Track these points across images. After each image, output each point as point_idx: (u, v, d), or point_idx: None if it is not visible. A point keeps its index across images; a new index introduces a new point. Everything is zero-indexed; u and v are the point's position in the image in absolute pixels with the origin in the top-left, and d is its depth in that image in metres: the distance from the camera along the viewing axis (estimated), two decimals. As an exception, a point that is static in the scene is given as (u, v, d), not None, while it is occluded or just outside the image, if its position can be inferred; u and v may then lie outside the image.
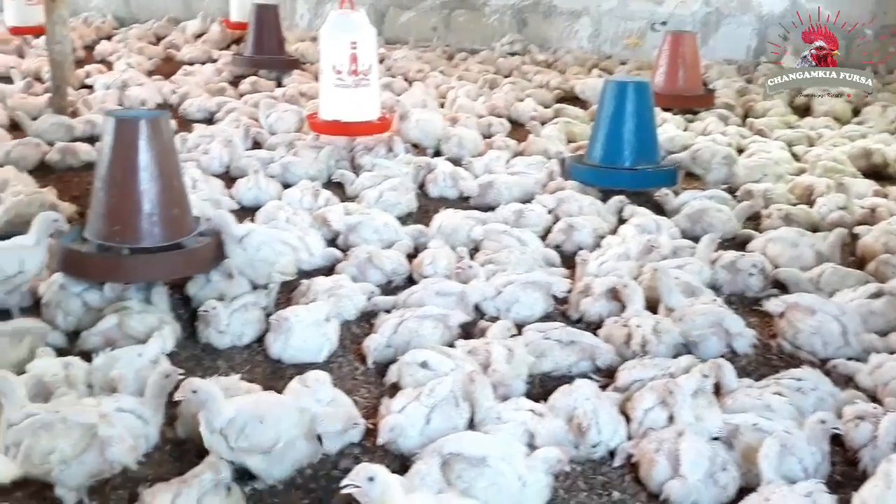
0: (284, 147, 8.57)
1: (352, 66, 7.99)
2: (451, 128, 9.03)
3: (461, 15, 15.92)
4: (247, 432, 3.70)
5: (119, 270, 5.18)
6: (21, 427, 3.61)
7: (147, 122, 5.15)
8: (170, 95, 11.03)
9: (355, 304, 5.54)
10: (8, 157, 8.03)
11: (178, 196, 5.32)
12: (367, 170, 7.95)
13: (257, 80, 11.70)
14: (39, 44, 14.01)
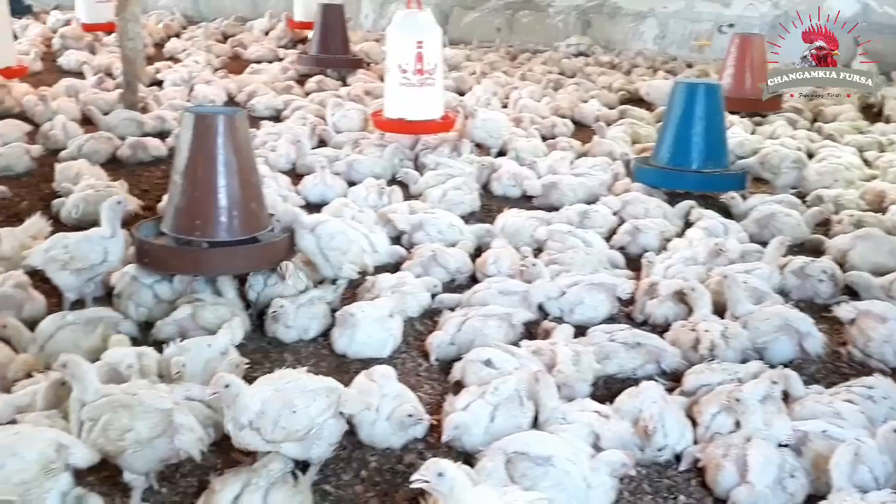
0: (350, 145, 8.66)
1: (417, 64, 8.04)
2: (513, 134, 8.99)
3: (525, 16, 15.90)
4: (282, 424, 3.68)
5: (199, 264, 5.27)
6: (99, 404, 3.65)
7: (225, 118, 5.23)
8: (237, 93, 11.18)
9: (419, 302, 5.57)
10: (80, 151, 8.23)
11: (254, 191, 5.40)
12: (430, 169, 7.98)
13: (322, 79, 11.82)
14: (110, 41, 14.37)
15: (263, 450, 3.72)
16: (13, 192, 7.41)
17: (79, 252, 5.19)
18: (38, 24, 15.96)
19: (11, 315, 5.00)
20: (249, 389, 3.72)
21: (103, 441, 3.58)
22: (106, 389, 3.79)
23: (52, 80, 11.82)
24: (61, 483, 3.34)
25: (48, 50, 13.98)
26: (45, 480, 3.27)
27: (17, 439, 3.33)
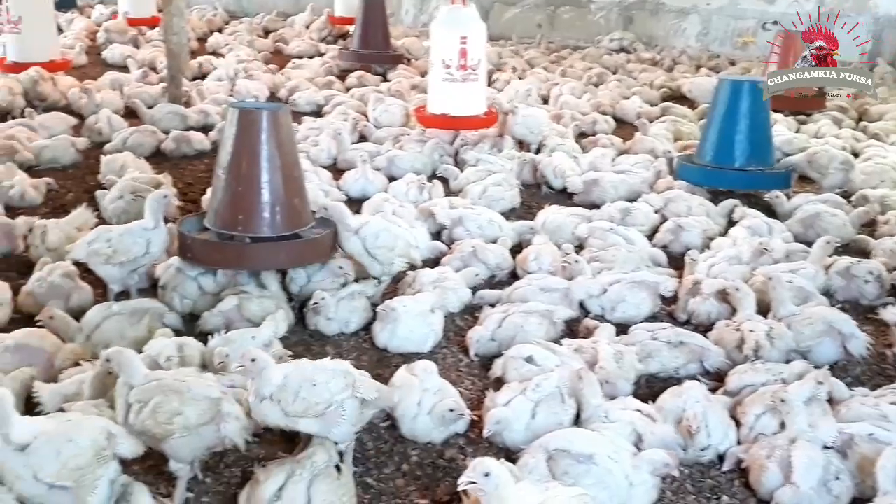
0: (390, 141, 8.68)
1: (461, 60, 8.02)
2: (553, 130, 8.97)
3: (566, 12, 15.83)
4: (302, 395, 3.70)
5: (242, 259, 5.31)
6: (149, 387, 3.68)
7: (269, 113, 5.27)
8: (279, 88, 11.24)
9: (459, 297, 5.58)
10: (125, 144, 8.34)
11: (297, 187, 5.43)
12: (471, 164, 7.98)
13: (363, 75, 11.85)
14: (153, 35, 14.53)
15: (282, 424, 3.73)
16: (59, 183, 7.52)
17: (121, 245, 5.25)
18: (82, 18, 16.16)
19: (60, 304, 5.10)
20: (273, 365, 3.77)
21: (151, 423, 3.59)
22: (155, 374, 3.84)
23: (97, 73, 11.98)
24: (111, 470, 3.39)
25: (93, 44, 14.16)
26: (97, 467, 3.32)
27: (70, 426, 3.38)
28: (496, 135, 8.71)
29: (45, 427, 3.35)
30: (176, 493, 3.74)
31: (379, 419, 4.35)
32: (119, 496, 3.43)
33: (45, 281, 5.24)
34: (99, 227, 5.56)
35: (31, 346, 4.50)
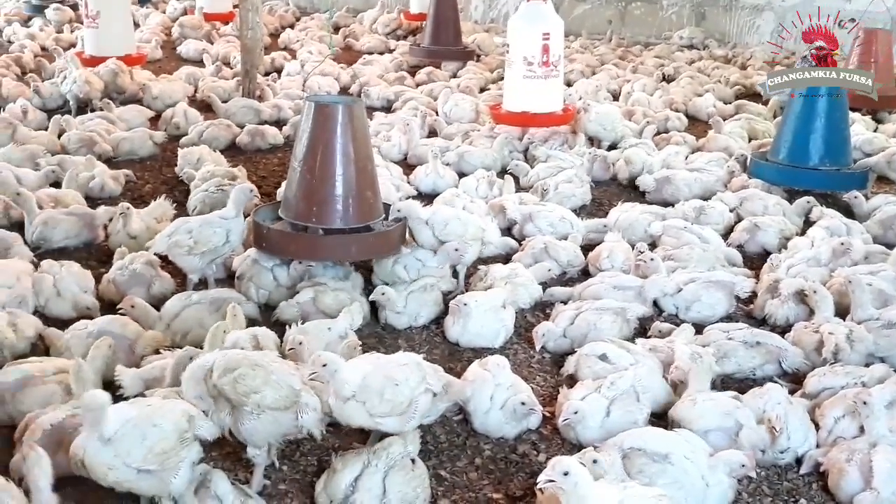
0: (460, 136, 8.69)
1: (543, 56, 7.98)
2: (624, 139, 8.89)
3: (637, 8, 15.67)
4: (387, 396, 3.71)
5: (314, 250, 5.39)
6: (238, 357, 3.71)
7: (345, 107, 5.33)
8: (350, 84, 11.33)
9: (531, 293, 5.57)
10: (201, 138, 8.50)
11: (370, 180, 5.48)
12: (541, 161, 7.96)
13: (433, 71, 11.88)
14: (227, 30, 14.77)
15: (366, 424, 3.75)
16: (137, 175, 7.70)
17: (201, 236, 5.35)
18: (158, 13, 16.49)
19: (141, 292, 5.25)
20: (348, 364, 3.77)
21: (229, 388, 3.61)
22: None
23: (172, 67, 12.25)
24: (193, 453, 3.46)
25: (168, 38, 14.46)
26: (180, 449, 3.40)
27: (152, 411, 3.45)
28: (568, 131, 8.66)
29: (129, 414, 3.42)
30: (254, 480, 3.81)
31: (451, 412, 4.38)
32: (199, 483, 3.51)
33: (127, 269, 5.38)
34: (178, 219, 5.66)
35: (113, 332, 4.61)
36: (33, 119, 8.92)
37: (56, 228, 6.07)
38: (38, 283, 5.21)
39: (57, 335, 4.66)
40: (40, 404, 3.99)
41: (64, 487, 3.65)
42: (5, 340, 4.58)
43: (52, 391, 4.08)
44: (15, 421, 3.97)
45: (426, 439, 4.12)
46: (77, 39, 13.47)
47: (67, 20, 15.32)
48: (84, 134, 8.16)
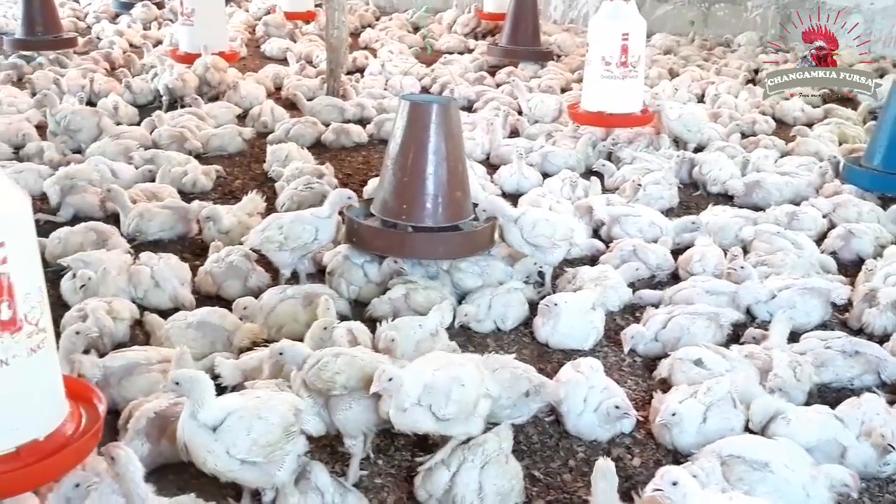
0: (543, 136, 8.67)
1: (622, 57, 7.92)
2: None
3: (721, 9, 15.41)
4: (454, 398, 3.65)
5: (404, 247, 5.44)
6: (323, 350, 3.85)
7: (438, 107, 5.36)
8: (430, 84, 11.38)
9: (620, 296, 5.53)
10: (288, 135, 8.63)
11: (460, 180, 5.50)
12: (626, 162, 7.90)
13: (513, 70, 11.86)
14: (309, 29, 14.96)
15: (431, 429, 3.71)
16: (227, 171, 7.86)
17: (292, 232, 5.44)
18: (241, 11, 16.78)
19: (238, 285, 5.38)
20: (408, 375, 3.70)
21: (315, 379, 3.71)
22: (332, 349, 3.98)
23: (256, 65, 12.46)
24: (299, 446, 3.52)
25: (251, 37, 14.71)
26: (286, 443, 3.45)
27: (260, 403, 3.51)
28: (653, 133, 8.58)
29: (236, 405, 3.49)
30: (350, 472, 3.86)
31: (543, 413, 4.38)
32: (299, 474, 3.56)
33: (224, 262, 5.49)
34: (271, 215, 5.76)
35: (212, 323, 4.74)
36: (125, 115, 9.18)
37: (151, 221, 6.23)
38: (136, 274, 5.35)
39: (158, 323, 4.79)
40: (144, 392, 4.11)
41: (166, 475, 3.76)
42: (104, 328, 4.71)
43: (155, 379, 4.19)
44: (119, 407, 4.07)
45: (518, 439, 4.14)
46: (164, 36, 13.83)
47: (154, 18, 15.71)
48: (175, 130, 8.35)
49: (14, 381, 2.96)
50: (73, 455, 3.18)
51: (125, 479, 3.32)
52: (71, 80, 10.27)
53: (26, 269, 2.96)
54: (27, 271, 2.96)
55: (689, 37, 14.90)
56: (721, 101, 10.03)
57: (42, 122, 8.73)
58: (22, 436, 3.03)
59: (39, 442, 3.08)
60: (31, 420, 3.09)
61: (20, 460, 3.00)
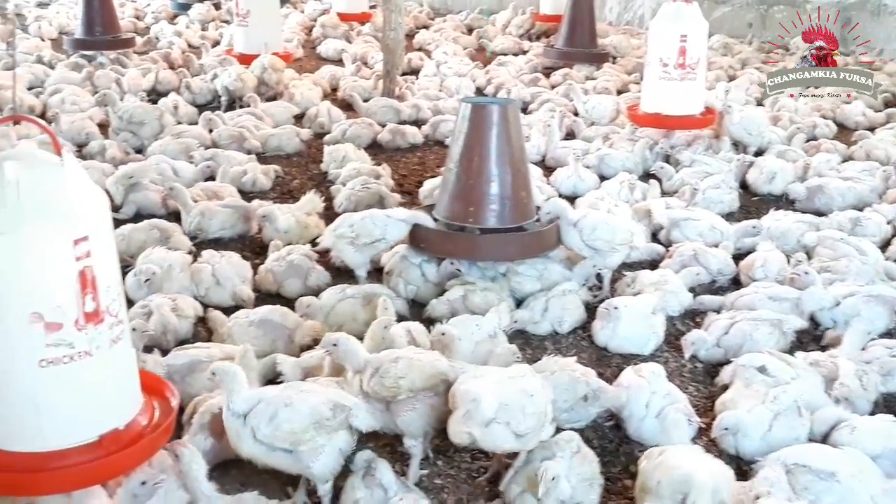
0: (600, 139, 8.62)
1: (679, 59, 7.83)
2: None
3: (779, 11, 15.18)
4: (528, 409, 3.59)
5: (474, 250, 5.45)
6: (381, 356, 3.86)
7: (500, 108, 5.36)
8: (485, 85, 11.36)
9: (680, 301, 5.48)
10: (344, 135, 8.69)
11: (524, 181, 5.51)
12: (685, 165, 7.82)
13: (568, 72, 11.80)
14: (364, 30, 15.03)
15: (513, 447, 3.64)
16: (285, 170, 7.94)
17: (362, 229, 5.47)
18: (296, 12, 16.93)
19: (298, 283, 5.45)
20: (482, 387, 3.62)
21: (379, 388, 3.72)
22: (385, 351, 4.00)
23: (312, 66, 12.56)
24: (338, 441, 3.54)
25: (307, 38, 14.83)
26: (317, 434, 3.48)
27: (293, 393, 3.59)
28: (712, 136, 8.49)
29: (268, 394, 3.60)
30: (410, 471, 3.87)
31: (602, 418, 4.35)
32: (364, 471, 3.59)
33: (284, 260, 5.55)
34: (344, 214, 5.81)
35: (273, 321, 4.79)
36: (184, 114, 9.30)
37: (212, 220, 6.32)
38: (197, 272, 5.42)
39: (221, 320, 4.85)
40: (207, 388, 4.13)
41: (229, 471, 3.80)
42: (168, 325, 4.79)
43: (219, 376, 4.23)
44: (183, 403, 4.12)
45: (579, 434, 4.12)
46: (220, 37, 14.00)
47: (211, 18, 15.92)
48: (234, 130, 8.45)
49: (98, 371, 3.05)
50: (151, 444, 3.27)
51: (189, 476, 3.39)
52: (131, 80, 10.45)
53: (107, 263, 3.05)
54: (108, 264, 3.06)
55: (746, 39, 14.71)
56: (780, 105, 9.88)
57: (104, 120, 8.91)
58: (104, 425, 3.13)
59: (119, 431, 3.17)
60: (112, 409, 3.19)
61: (103, 449, 3.10)
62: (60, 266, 2.89)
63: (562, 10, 12.98)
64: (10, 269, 2.81)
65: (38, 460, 3.00)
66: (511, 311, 5.09)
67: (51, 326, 2.86)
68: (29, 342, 2.87)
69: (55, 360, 2.90)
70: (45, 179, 2.90)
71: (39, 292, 2.86)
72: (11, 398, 2.94)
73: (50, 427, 3.01)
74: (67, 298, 2.90)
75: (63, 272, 2.89)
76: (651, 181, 7.34)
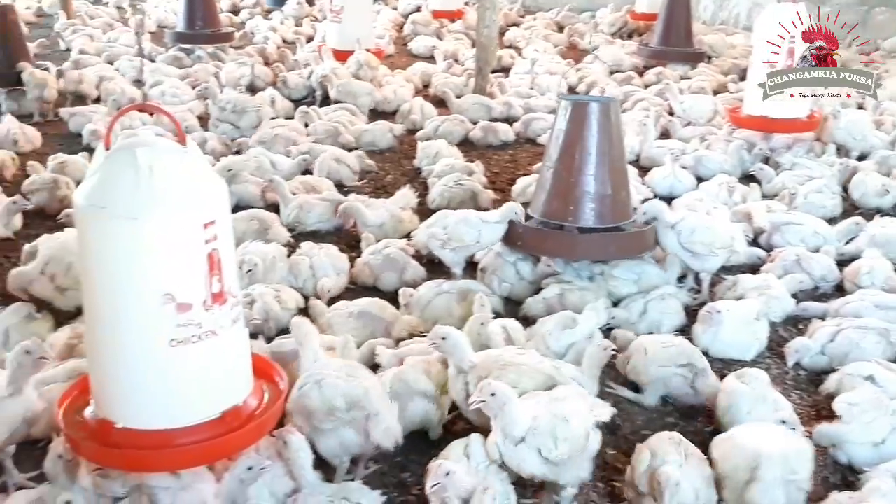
0: (697, 139, 8.47)
1: (787, 60, 7.62)
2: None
3: (882, 12, 14.71)
4: (562, 437, 3.43)
5: (574, 248, 5.42)
6: (487, 364, 3.83)
7: (600, 106, 5.31)
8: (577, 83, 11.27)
9: (783, 307, 5.35)
10: (437, 132, 8.72)
11: (623, 180, 5.46)
12: (786, 168, 7.63)
13: (662, 71, 11.63)
14: (455, 27, 15.06)
15: (540, 473, 3.48)
16: (378, 166, 8.00)
17: (455, 233, 5.49)
18: (387, 8, 17.05)
19: (394, 277, 5.50)
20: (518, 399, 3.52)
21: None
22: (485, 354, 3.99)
23: (404, 63, 12.64)
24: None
25: (398, 34, 14.92)
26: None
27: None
28: (812, 139, 8.26)
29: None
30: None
31: (703, 423, 4.28)
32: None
33: (381, 253, 5.60)
34: (440, 211, 5.84)
35: (371, 313, 4.85)
36: (281, 108, 9.46)
37: (310, 213, 6.42)
38: (296, 265, 5.51)
39: (322, 310, 4.91)
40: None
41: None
42: (271, 312, 4.88)
43: (319, 366, 4.29)
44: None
45: (680, 447, 4.07)
46: (315, 33, 14.19)
47: (305, 15, 16.14)
48: (329, 124, 8.56)
49: (221, 350, 3.14)
50: (267, 422, 3.36)
51: (295, 463, 3.44)
52: (229, 74, 10.68)
53: (229, 246, 3.15)
54: (229, 247, 3.15)
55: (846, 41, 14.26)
56: (883, 108, 9.55)
57: (203, 113, 9.12)
58: (226, 402, 3.22)
59: (239, 407, 3.26)
60: (232, 387, 3.28)
61: (225, 425, 3.19)
62: (192, 249, 2.98)
63: (657, 9, 12.81)
64: (146, 251, 2.90)
65: (166, 437, 3.10)
66: (608, 310, 5.03)
67: (182, 307, 2.95)
68: (161, 323, 2.96)
69: (185, 340, 2.99)
70: (174, 166, 2.98)
71: (173, 274, 2.95)
72: (141, 377, 3.04)
73: (178, 404, 3.10)
74: (197, 280, 2.99)
75: (194, 254, 2.98)
76: (751, 184, 7.18)
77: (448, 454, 3.50)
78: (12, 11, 10.12)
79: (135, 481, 3.29)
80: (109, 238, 2.91)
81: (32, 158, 7.60)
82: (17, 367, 3.58)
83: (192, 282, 2.98)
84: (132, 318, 2.96)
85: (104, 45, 12.74)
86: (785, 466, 3.48)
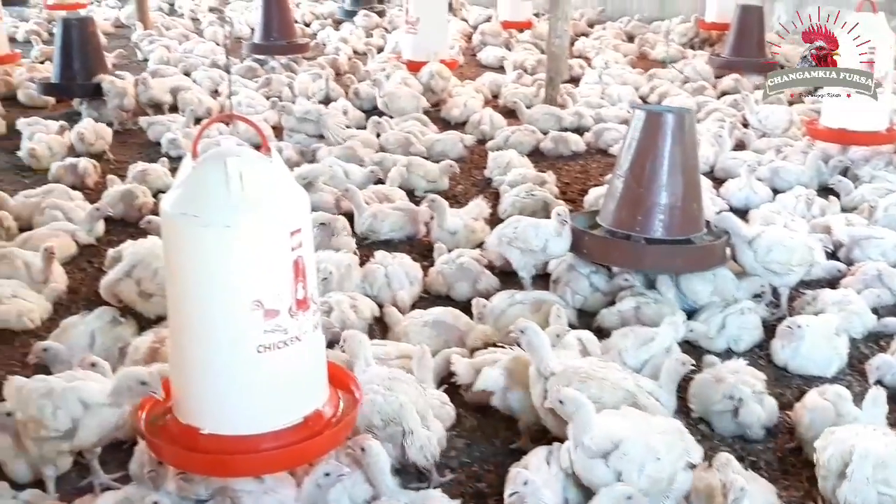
0: (773, 150, 8.34)
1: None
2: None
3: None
4: (647, 472, 3.38)
5: (641, 259, 5.38)
6: (567, 373, 3.83)
7: (675, 116, 5.28)
8: (648, 93, 11.18)
9: (864, 322, 5.23)
10: (507, 142, 8.74)
11: (696, 192, 5.40)
12: (865, 181, 7.47)
13: (739, 79, 11.45)
14: (524, 38, 15.05)
15: (615, 498, 3.35)
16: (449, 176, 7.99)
17: (523, 234, 5.50)
18: (456, 20, 17.09)
19: (468, 286, 5.51)
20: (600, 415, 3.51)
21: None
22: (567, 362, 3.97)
23: (473, 73, 12.67)
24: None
25: (467, 45, 14.97)
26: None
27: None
28: (892, 152, 8.07)
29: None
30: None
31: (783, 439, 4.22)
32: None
33: (454, 263, 5.64)
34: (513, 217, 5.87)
35: (446, 322, 4.89)
36: (353, 118, 9.58)
37: (384, 222, 6.48)
38: (370, 273, 5.56)
39: (397, 318, 4.96)
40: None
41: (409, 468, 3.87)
42: (346, 321, 4.93)
43: (395, 374, 4.32)
44: (360, 399, 4.24)
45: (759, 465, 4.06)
46: (385, 43, 14.32)
47: (375, 25, 16.30)
48: (400, 135, 8.63)
49: (305, 356, 3.21)
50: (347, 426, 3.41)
51: (373, 470, 3.47)
52: (302, 84, 10.84)
53: (311, 253, 3.21)
54: (311, 255, 3.21)
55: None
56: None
57: (277, 123, 9.27)
58: (307, 407, 3.28)
59: (320, 412, 3.32)
60: (313, 392, 3.35)
61: (308, 430, 3.24)
62: (280, 256, 3.04)
63: (727, 18, 12.64)
64: (237, 259, 2.98)
65: (252, 442, 3.15)
66: (685, 323, 4.97)
67: (269, 313, 3.02)
68: (250, 329, 3.03)
69: (271, 346, 3.06)
70: (261, 174, 3.06)
71: (262, 281, 3.02)
72: (229, 383, 3.10)
73: (263, 410, 3.17)
74: (284, 287, 3.06)
75: (282, 262, 3.05)
76: (830, 197, 7.04)
77: (528, 462, 3.49)
78: (92, 23, 10.43)
79: (218, 484, 3.37)
80: (201, 246, 2.99)
81: (110, 164, 7.80)
82: (127, 389, 3.55)
83: (279, 289, 3.04)
84: (221, 324, 3.03)
85: (180, 55, 13.04)
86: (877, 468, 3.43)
